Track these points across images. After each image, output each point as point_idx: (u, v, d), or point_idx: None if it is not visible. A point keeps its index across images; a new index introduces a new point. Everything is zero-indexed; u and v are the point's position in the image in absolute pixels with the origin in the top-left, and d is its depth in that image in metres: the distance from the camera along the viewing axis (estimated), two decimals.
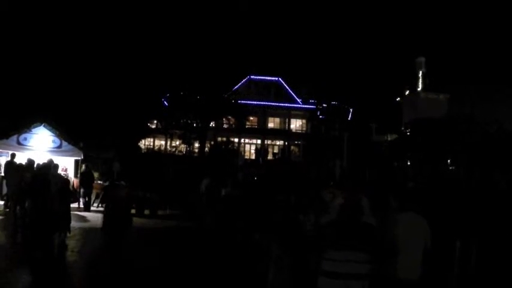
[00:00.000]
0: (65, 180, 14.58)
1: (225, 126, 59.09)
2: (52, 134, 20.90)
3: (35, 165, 15.98)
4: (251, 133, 63.53)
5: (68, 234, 12.53)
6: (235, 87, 58.29)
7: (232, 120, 57.96)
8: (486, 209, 11.66)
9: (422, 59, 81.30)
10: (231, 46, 50.30)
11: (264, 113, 63.79)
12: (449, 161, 49.99)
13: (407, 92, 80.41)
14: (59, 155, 20.49)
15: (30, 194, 12.57)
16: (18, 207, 14.85)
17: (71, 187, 21.68)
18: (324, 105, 61.78)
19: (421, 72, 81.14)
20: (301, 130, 66.84)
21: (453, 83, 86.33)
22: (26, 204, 13.45)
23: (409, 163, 51.86)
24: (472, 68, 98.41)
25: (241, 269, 9.57)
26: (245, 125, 60.45)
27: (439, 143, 49.10)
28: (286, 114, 65.78)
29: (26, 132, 20.46)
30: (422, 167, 43.13)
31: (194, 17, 47.77)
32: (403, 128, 68.95)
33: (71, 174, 22.68)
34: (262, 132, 64.25)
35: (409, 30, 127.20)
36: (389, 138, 62.99)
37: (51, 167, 13.98)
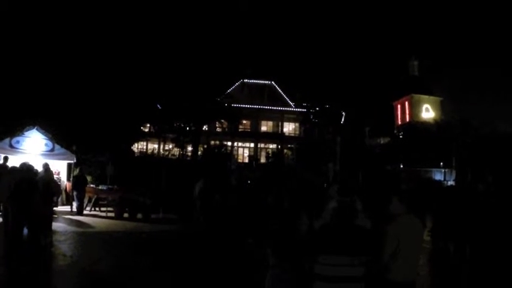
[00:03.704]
0: (48, 181, 14.34)
1: (218, 129, 59.16)
2: (45, 137, 20.84)
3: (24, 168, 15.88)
4: (244, 136, 63.64)
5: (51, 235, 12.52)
6: (228, 91, 58.35)
7: (225, 124, 58.05)
8: (478, 212, 11.69)
9: (415, 62, 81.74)
10: (223, 49, 50.22)
11: (257, 117, 63.92)
12: (441, 163, 50.20)
13: (400, 95, 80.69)
14: (51, 158, 20.42)
15: (17, 196, 12.48)
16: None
17: (62, 190, 21.70)
18: (317, 108, 61.90)
19: (414, 75, 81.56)
20: (294, 133, 66.95)
21: (446, 85, 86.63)
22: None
23: (402, 166, 52.04)
24: (466, 71, 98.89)
25: (236, 276, 9.53)
26: (238, 128, 60.54)
27: (431, 146, 49.32)
28: (279, 118, 65.93)
29: (18, 135, 20.39)
30: (415, 170, 43.27)
31: (187, 21, 47.70)
32: (395, 131, 69.18)
33: (63, 177, 22.64)
34: (255, 135, 64.38)
35: (403, 34, 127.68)
36: (382, 141, 63.21)
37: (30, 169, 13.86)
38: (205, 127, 55.21)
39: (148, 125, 54.39)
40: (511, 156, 40.15)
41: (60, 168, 22.38)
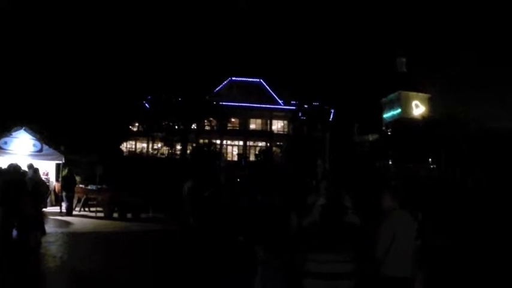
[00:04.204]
0: (36, 181, 14.27)
1: (207, 128, 59.04)
2: (33, 137, 20.70)
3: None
4: (233, 135, 63.63)
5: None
6: (217, 89, 58.30)
7: (214, 122, 57.95)
8: (468, 206, 11.79)
9: (403, 59, 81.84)
10: (212, 48, 50.24)
11: (245, 115, 63.92)
12: (430, 159, 50.42)
13: (388, 92, 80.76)
14: (40, 159, 20.31)
15: (5, 197, 12.43)
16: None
17: (51, 190, 21.57)
18: (306, 106, 61.92)
19: (402, 72, 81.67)
20: (283, 131, 66.99)
21: (435, 82, 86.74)
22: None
23: (390, 162, 52.25)
24: (453, 68, 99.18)
25: (227, 273, 9.52)
26: (227, 126, 60.48)
27: (419, 142, 49.51)
28: (268, 116, 65.98)
29: (6, 136, 20.24)
30: (402, 166, 43.47)
31: (175, 19, 47.65)
32: (384, 128, 69.35)
33: (52, 178, 22.50)
34: (244, 133, 64.40)
35: (391, 31, 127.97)
36: (370, 138, 63.38)
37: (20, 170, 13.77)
38: (194, 126, 55.12)
39: (136, 124, 54.24)
40: (500, 152, 40.41)
41: (48, 168, 22.23)
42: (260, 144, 65.37)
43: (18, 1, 31.67)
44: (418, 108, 76.91)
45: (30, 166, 15.08)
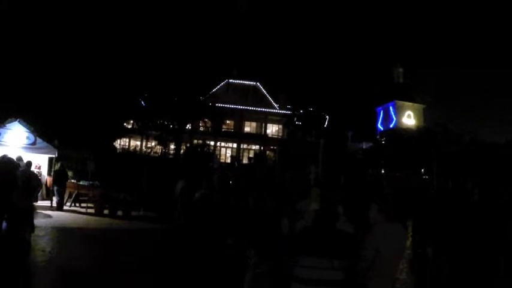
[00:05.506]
0: (29, 176, 14.23)
1: (202, 128, 58.98)
2: (27, 130, 20.64)
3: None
4: (227, 136, 63.56)
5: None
6: (213, 90, 58.21)
7: (209, 123, 57.88)
8: (458, 218, 11.79)
9: (400, 69, 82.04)
10: (209, 49, 50.00)
11: (240, 117, 63.91)
12: (423, 170, 50.53)
13: (383, 101, 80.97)
14: (33, 152, 20.27)
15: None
16: None
17: (43, 184, 21.51)
18: (301, 111, 62.05)
19: (398, 81, 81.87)
20: (278, 135, 67.04)
21: (430, 93, 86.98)
22: None
23: (383, 171, 52.34)
24: (448, 80, 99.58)
25: (216, 276, 9.51)
26: (221, 128, 60.42)
27: (413, 152, 49.61)
28: (263, 119, 65.99)
29: (0, 127, 20.19)
30: (395, 175, 43.52)
31: (173, 18, 47.49)
32: (378, 137, 69.52)
33: (44, 171, 22.44)
34: (238, 136, 64.35)
35: (388, 40, 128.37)
36: (364, 146, 63.54)
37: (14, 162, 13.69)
38: (188, 126, 55.03)
39: (131, 122, 54.08)
40: (491, 164, 40.57)
41: (41, 162, 22.19)
42: (254, 147, 65.38)
43: None
44: (411, 119, 77.16)
45: (20, 158, 15.04)
